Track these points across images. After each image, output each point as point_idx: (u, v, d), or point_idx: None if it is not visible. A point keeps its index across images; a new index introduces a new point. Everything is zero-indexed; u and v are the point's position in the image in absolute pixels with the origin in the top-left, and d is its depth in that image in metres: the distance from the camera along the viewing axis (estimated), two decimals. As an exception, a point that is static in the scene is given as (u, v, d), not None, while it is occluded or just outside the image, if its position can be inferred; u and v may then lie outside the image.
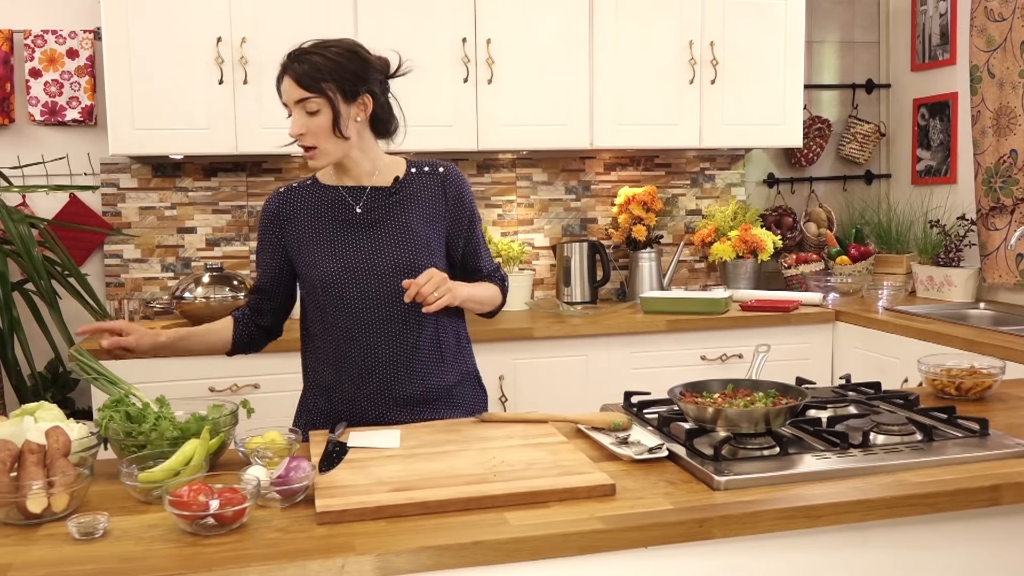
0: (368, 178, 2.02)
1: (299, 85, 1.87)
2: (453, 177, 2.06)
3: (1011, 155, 3.48)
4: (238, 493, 1.37)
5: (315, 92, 1.87)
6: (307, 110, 1.88)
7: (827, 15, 4.20)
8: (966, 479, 1.52)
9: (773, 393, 1.77)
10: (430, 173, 2.05)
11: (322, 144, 1.91)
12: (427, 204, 2.03)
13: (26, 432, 1.57)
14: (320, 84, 1.87)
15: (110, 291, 3.58)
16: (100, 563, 1.25)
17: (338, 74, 1.88)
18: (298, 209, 2.04)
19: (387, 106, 2.01)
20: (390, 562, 1.27)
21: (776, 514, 1.41)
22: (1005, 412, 1.95)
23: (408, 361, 1.99)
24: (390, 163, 2.05)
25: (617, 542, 1.35)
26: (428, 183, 2.04)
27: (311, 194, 2.04)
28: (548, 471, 1.55)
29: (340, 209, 2.00)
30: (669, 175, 4.07)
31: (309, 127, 1.89)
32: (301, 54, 1.89)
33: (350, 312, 1.97)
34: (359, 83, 1.91)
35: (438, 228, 2.03)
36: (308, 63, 1.87)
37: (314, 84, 1.86)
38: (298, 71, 1.87)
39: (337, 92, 1.88)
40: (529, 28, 3.47)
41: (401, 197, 2.01)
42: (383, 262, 1.96)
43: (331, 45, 1.91)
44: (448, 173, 2.06)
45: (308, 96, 1.87)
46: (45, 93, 3.45)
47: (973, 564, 1.56)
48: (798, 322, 3.51)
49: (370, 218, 1.99)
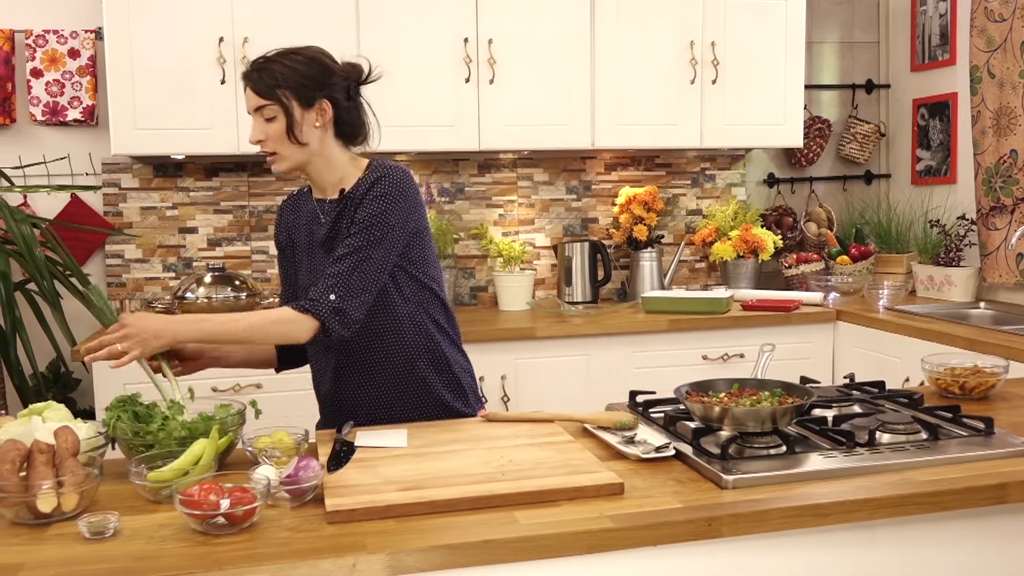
0: (333, 189, 1.98)
1: (256, 93, 1.89)
2: (372, 181, 1.90)
3: (1011, 155, 3.49)
4: (248, 492, 1.37)
5: (271, 99, 1.87)
6: (264, 117, 1.89)
7: (827, 15, 4.21)
8: (972, 478, 1.53)
9: (779, 392, 1.78)
10: (368, 177, 1.93)
11: (280, 149, 1.91)
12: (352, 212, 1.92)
13: (34, 432, 1.57)
14: (275, 91, 1.87)
15: (111, 291, 3.58)
16: (112, 562, 1.26)
17: (295, 81, 1.88)
18: (293, 218, 2.09)
19: (353, 111, 1.97)
20: (401, 561, 1.27)
21: (784, 512, 1.42)
22: (1009, 411, 1.96)
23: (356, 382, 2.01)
24: (353, 171, 1.98)
25: (627, 541, 1.36)
26: (363, 187, 1.92)
27: (303, 206, 2.07)
28: (556, 470, 1.55)
29: (315, 223, 2.01)
30: (670, 175, 4.08)
31: (267, 133, 1.90)
32: (262, 62, 1.90)
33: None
34: (317, 89, 1.89)
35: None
36: (266, 71, 1.88)
37: (269, 91, 1.87)
38: (255, 79, 1.89)
39: (292, 99, 1.88)
40: (530, 28, 3.47)
41: (345, 208, 1.94)
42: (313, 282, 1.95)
43: (292, 53, 1.91)
44: (376, 178, 1.91)
45: (264, 103, 1.88)
46: (46, 93, 3.45)
47: (979, 562, 1.56)
48: (799, 322, 3.52)
49: (324, 232, 1.97)
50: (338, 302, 1.82)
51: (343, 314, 1.83)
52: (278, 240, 2.12)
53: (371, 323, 1.94)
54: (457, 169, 3.84)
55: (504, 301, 3.71)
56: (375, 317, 1.94)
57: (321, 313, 1.82)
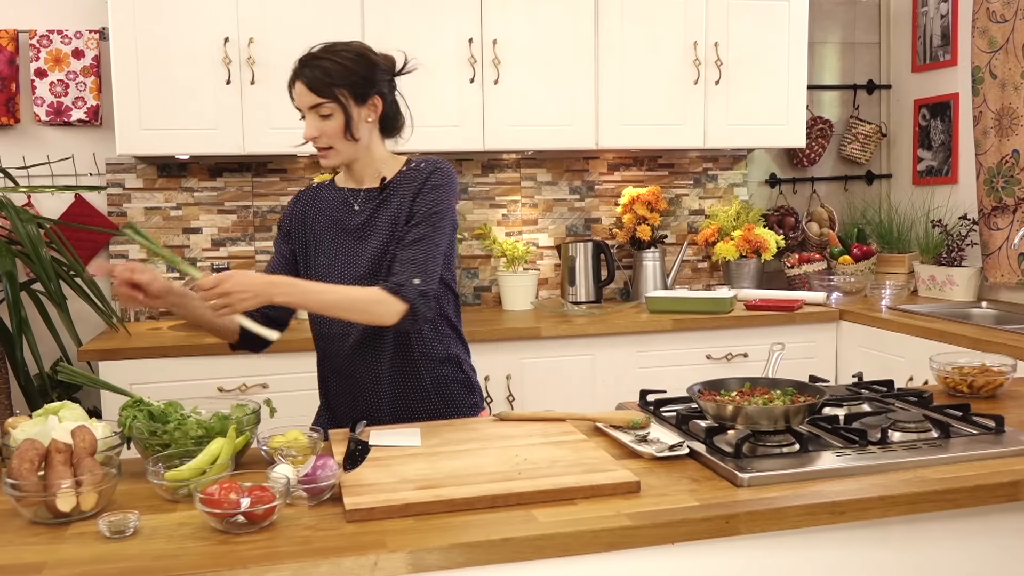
0: (371, 179, 2.03)
1: (312, 91, 1.89)
2: (436, 173, 1.97)
3: (1013, 155, 3.51)
4: (268, 491, 1.37)
5: (327, 97, 1.89)
6: (320, 114, 1.91)
7: (828, 16, 4.23)
8: (985, 475, 1.54)
9: (791, 391, 1.79)
10: (414, 170, 2.00)
11: (336, 145, 1.94)
12: (405, 202, 1.97)
13: (51, 431, 1.57)
14: (332, 89, 1.89)
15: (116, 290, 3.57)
16: (134, 561, 1.26)
17: (349, 78, 1.90)
18: (311, 209, 2.08)
19: (395, 105, 2.03)
20: (422, 559, 1.28)
21: (801, 510, 1.42)
22: (1018, 409, 1.97)
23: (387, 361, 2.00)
24: (392, 163, 2.04)
25: (645, 539, 1.36)
26: (412, 180, 1.98)
27: (326, 195, 2.08)
28: (572, 468, 1.56)
29: (342, 211, 2.03)
30: (672, 175, 4.09)
31: (323, 130, 1.92)
32: (312, 59, 1.91)
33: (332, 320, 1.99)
34: (368, 86, 1.93)
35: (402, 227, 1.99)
36: (319, 68, 1.89)
37: (326, 89, 1.89)
38: (310, 77, 1.89)
39: (349, 96, 1.91)
40: (535, 29, 3.48)
41: (386, 197, 2.00)
42: (365, 263, 1.97)
43: (340, 49, 1.93)
44: (432, 169, 1.98)
45: (321, 101, 1.89)
46: (51, 93, 3.44)
47: (992, 559, 1.58)
48: (802, 321, 3.53)
49: (359, 220, 2.00)
50: (422, 286, 1.87)
51: (427, 298, 1.88)
52: (285, 225, 2.11)
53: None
54: (461, 169, 3.84)
55: (508, 301, 3.72)
56: None
57: (409, 296, 1.85)
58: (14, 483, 1.41)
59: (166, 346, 3.03)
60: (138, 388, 2.47)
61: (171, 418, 1.66)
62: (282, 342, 3.11)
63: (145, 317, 3.55)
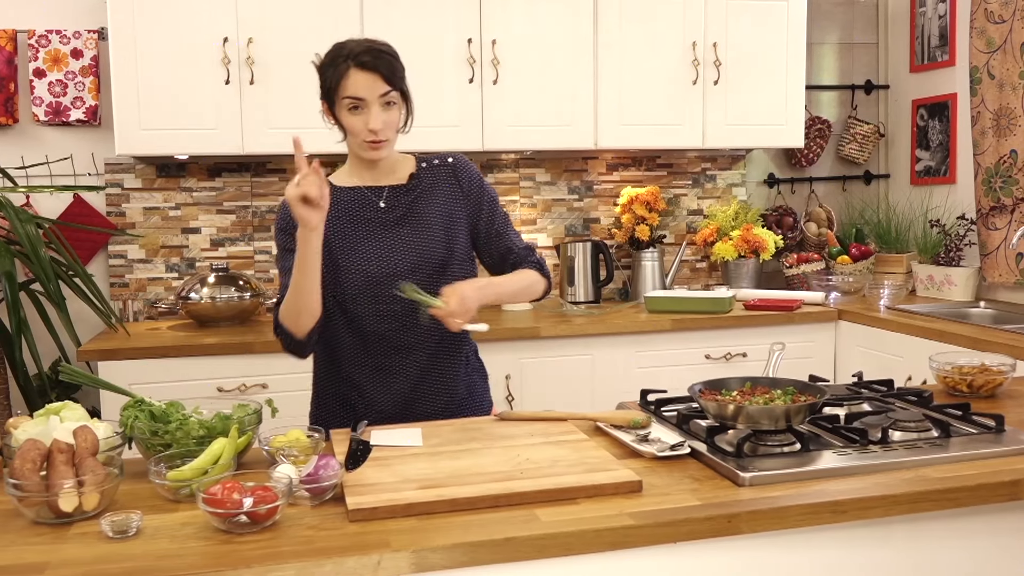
0: (387, 176, 2.05)
1: (386, 81, 1.90)
2: (463, 165, 2.09)
3: (1011, 155, 3.51)
4: (271, 491, 1.37)
5: (396, 88, 1.92)
6: (387, 105, 1.92)
7: (827, 16, 4.23)
8: (986, 474, 1.54)
9: (791, 391, 1.79)
10: (440, 166, 2.08)
11: (391, 137, 1.96)
12: (445, 195, 2.05)
13: (52, 431, 1.57)
14: (399, 80, 1.93)
15: (114, 291, 3.57)
16: (137, 561, 1.26)
17: (403, 72, 1.95)
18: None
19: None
20: (425, 558, 1.28)
21: (802, 509, 1.43)
22: (1018, 409, 1.97)
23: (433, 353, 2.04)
24: (402, 160, 2.08)
25: (647, 538, 1.36)
26: (441, 175, 2.07)
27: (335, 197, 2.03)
28: (574, 468, 1.56)
29: (364, 207, 2.02)
30: (671, 175, 4.10)
31: (387, 121, 1.92)
32: (378, 51, 1.91)
33: (384, 306, 1.98)
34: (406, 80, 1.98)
35: (458, 219, 2.06)
36: (387, 59, 1.91)
37: (396, 80, 1.92)
38: (385, 67, 1.90)
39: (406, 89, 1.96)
40: (534, 29, 3.48)
41: (420, 191, 2.04)
42: (410, 256, 1.99)
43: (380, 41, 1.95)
44: (458, 163, 2.09)
45: (391, 91, 1.91)
46: (49, 93, 3.44)
47: (992, 558, 1.58)
48: (801, 321, 3.53)
49: (393, 215, 2.02)
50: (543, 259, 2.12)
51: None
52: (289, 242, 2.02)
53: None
54: (459, 169, 3.84)
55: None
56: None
57: (547, 271, 2.11)
58: (16, 483, 1.41)
59: (165, 346, 3.03)
60: (137, 388, 2.46)
61: (172, 418, 1.66)
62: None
63: (144, 318, 3.55)
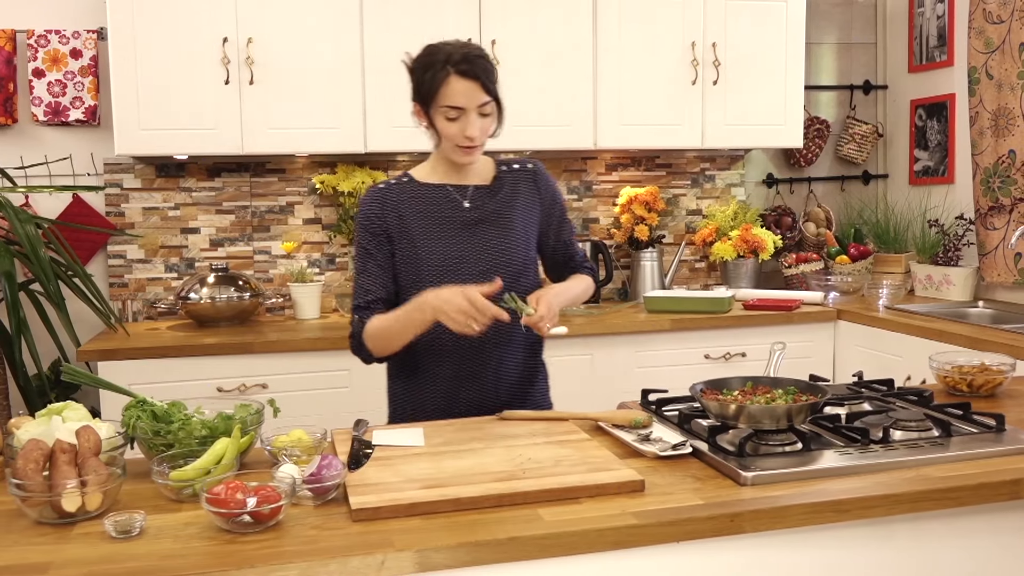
0: (471, 176, 2.08)
1: (485, 90, 1.92)
2: (543, 173, 2.15)
3: (1009, 155, 3.52)
4: (274, 491, 1.38)
5: (493, 96, 1.94)
6: (483, 113, 1.94)
7: (825, 17, 4.24)
8: (987, 473, 1.55)
9: (792, 390, 1.79)
10: (520, 170, 2.12)
11: (484, 143, 2.00)
12: (524, 200, 2.10)
13: (55, 431, 1.57)
14: (495, 88, 1.95)
15: (113, 291, 3.57)
16: (141, 560, 1.26)
17: (497, 77, 1.97)
18: (403, 204, 2.04)
19: None
20: (429, 558, 1.28)
21: (804, 509, 1.43)
22: (1017, 408, 1.98)
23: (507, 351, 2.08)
24: (483, 161, 2.11)
25: (650, 537, 1.37)
26: (522, 179, 2.12)
27: (414, 191, 2.06)
28: (576, 467, 1.56)
29: (449, 206, 2.05)
30: (670, 175, 4.10)
31: (483, 128, 1.96)
32: (478, 58, 1.93)
33: None
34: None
35: (533, 222, 2.11)
36: (483, 67, 1.92)
37: (493, 89, 1.94)
38: (483, 74, 1.92)
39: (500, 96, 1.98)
40: (533, 30, 3.49)
41: (503, 194, 2.08)
42: (490, 256, 2.03)
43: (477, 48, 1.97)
44: (538, 170, 2.15)
45: (489, 100, 1.94)
46: (48, 93, 3.44)
47: (994, 557, 1.58)
48: (800, 321, 3.54)
49: (477, 214, 2.05)
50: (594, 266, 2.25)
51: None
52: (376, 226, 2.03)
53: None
54: (459, 169, 3.84)
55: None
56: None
57: (597, 278, 2.24)
58: (19, 483, 1.41)
59: (165, 346, 3.03)
60: (136, 388, 2.45)
61: (175, 418, 1.66)
62: (280, 343, 3.14)
63: (143, 318, 3.55)
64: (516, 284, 2.00)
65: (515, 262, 2.05)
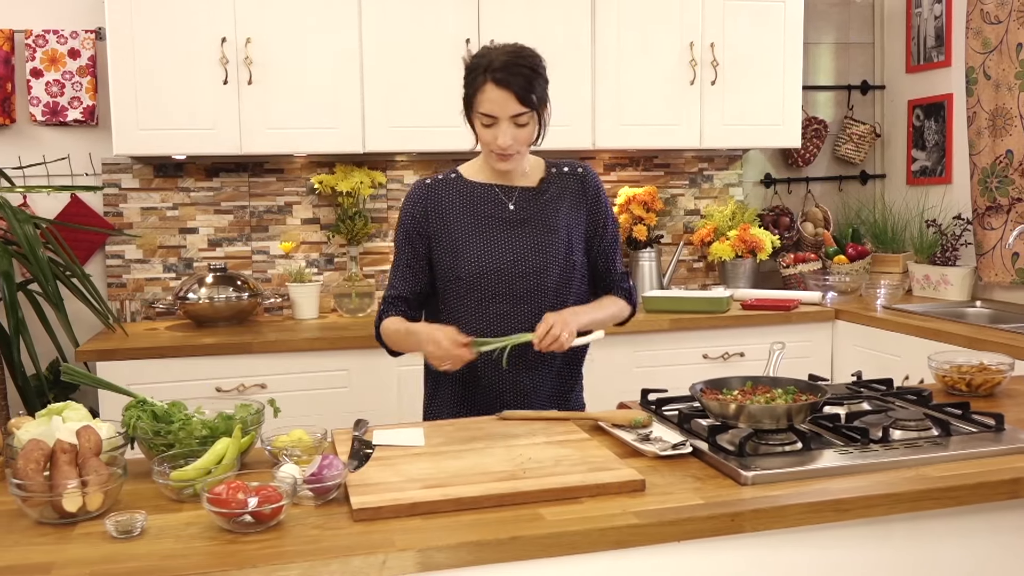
0: (519, 178, 2.07)
1: (519, 101, 1.88)
2: (592, 178, 2.12)
3: (1007, 155, 3.53)
4: (275, 491, 1.38)
5: (530, 107, 1.89)
6: (518, 123, 1.90)
7: (823, 17, 4.24)
8: (986, 473, 1.56)
9: (792, 390, 1.80)
10: (570, 174, 2.10)
11: (522, 151, 1.96)
12: (570, 204, 2.07)
13: (55, 432, 1.57)
14: (533, 98, 1.89)
15: (111, 292, 3.57)
16: (143, 560, 1.26)
17: (540, 85, 1.92)
18: (447, 201, 2.05)
19: None
20: (431, 557, 1.29)
21: (805, 508, 1.44)
22: (1016, 408, 1.98)
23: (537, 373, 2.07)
24: (533, 163, 2.09)
25: (651, 537, 1.37)
26: (570, 183, 2.09)
27: (461, 188, 2.06)
28: (577, 467, 1.57)
29: (494, 206, 2.04)
30: (668, 175, 4.10)
31: (517, 137, 1.92)
32: (514, 66, 1.87)
33: (495, 306, 2.01)
34: (546, 89, 1.96)
35: (579, 228, 2.08)
36: (523, 76, 1.87)
37: (529, 99, 1.88)
38: (518, 86, 1.86)
39: (540, 104, 1.93)
40: (532, 30, 3.48)
41: (548, 197, 2.06)
42: (531, 259, 2.02)
43: (528, 54, 1.92)
44: (587, 174, 2.11)
45: (524, 111, 1.89)
46: (46, 93, 3.43)
47: (993, 556, 1.59)
48: (798, 320, 3.54)
49: (521, 216, 2.04)
50: (633, 287, 2.18)
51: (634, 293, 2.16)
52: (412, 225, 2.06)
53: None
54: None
55: (505, 301, 3.72)
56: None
57: (634, 299, 2.17)
58: (20, 483, 1.41)
59: (163, 346, 3.03)
60: (135, 388, 2.45)
61: (175, 418, 1.66)
62: (279, 343, 3.14)
63: (141, 318, 3.55)
64: (557, 289, 2.02)
65: (555, 266, 2.02)
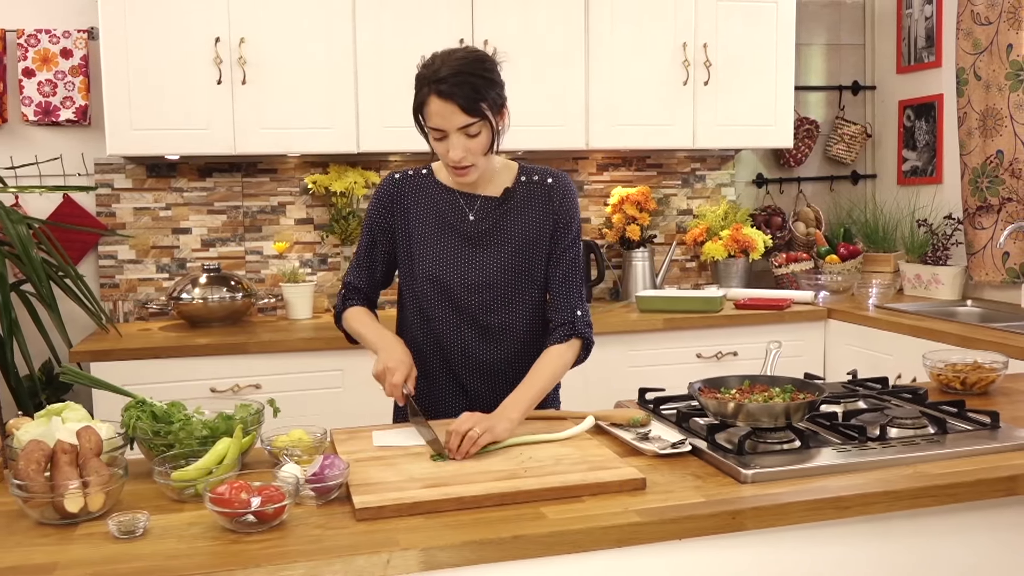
0: (484, 186, 1.96)
1: (465, 112, 1.77)
2: (560, 191, 1.97)
3: (997, 156, 3.55)
4: (278, 491, 1.38)
5: (478, 116, 1.78)
6: (468, 134, 1.80)
7: (814, 18, 4.26)
8: (984, 470, 1.57)
9: (790, 388, 1.81)
10: (539, 183, 1.97)
11: (478, 162, 1.85)
12: (534, 215, 1.96)
13: (55, 432, 1.57)
14: (481, 107, 1.78)
15: (104, 292, 3.55)
16: (147, 560, 1.26)
17: (491, 91, 1.81)
18: (412, 199, 1.98)
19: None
20: (434, 556, 1.29)
21: (805, 506, 1.44)
22: (1010, 405, 2.00)
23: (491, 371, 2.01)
24: (502, 169, 1.99)
25: (653, 535, 1.38)
26: (536, 193, 1.97)
27: (428, 189, 1.99)
28: (577, 466, 1.57)
29: (453, 214, 1.96)
30: (660, 175, 4.11)
31: (469, 148, 1.81)
32: (457, 75, 1.76)
33: (444, 314, 1.97)
34: (502, 95, 1.85)
35: (542, 240, 1.97)
36: (469, 86, 1.76)
37: (476, 108, 1.77)
38: (463, 96, 1.76)
39: (492, 111, 1.81)
40: (526, 30, 3.49)
41: (509, 208, 1.96)
42: (483, 274, 1.95)
43: (473, 59, 1.81)
44: (556, 185, 1.98)
45: (472, 121, 1.78)
46: (39, 93, 3.42)
47: (991, 553, 1.60)
48: (791, 320, 3.56)
49: (479, 229, 1.95)
50: (585, 315, 1.97)
51: (591, 324, 1.97)
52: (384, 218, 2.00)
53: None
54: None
55: (499, 301, 3.72)
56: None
57: (583, 332, 1.95)
58: (21, 484, 1.40)
59: (157, 347, 3.02)
60: (131, 389, 2.45)
61: (175, 418, 1.66)
62: (273, 343, 3.13)
63: (135, 318, 3.53)
64: (509, 303, 1.95)
65: (504, 282, 1.95)
